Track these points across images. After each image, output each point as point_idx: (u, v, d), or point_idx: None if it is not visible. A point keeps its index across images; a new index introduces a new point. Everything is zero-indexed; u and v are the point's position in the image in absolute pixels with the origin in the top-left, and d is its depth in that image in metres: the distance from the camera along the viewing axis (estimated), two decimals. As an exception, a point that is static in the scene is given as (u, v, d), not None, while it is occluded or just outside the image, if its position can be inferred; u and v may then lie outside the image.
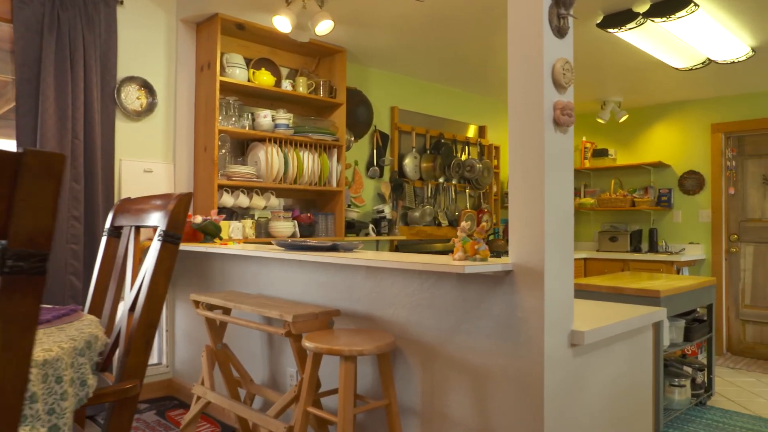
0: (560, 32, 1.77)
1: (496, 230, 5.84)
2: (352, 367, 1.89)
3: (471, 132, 5.60)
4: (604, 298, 3.54)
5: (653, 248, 5.83)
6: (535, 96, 1.74)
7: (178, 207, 1.44)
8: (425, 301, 2.06)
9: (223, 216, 3.32)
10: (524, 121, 1.76)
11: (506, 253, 5.25)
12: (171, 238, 1.43)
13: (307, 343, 1.95)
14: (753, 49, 4.06)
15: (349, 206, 4.40)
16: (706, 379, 4.08)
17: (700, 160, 5.74)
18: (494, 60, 4.44)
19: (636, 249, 5.96)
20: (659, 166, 5.96)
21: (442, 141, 5.15)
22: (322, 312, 2.20)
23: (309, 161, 3.89)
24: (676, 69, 4.44)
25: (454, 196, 5.31)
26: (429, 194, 5.08)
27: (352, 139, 4.33)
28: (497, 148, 5.68)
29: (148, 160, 3.49)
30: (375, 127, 4.71)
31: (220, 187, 3.60)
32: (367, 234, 4.44)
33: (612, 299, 3.52)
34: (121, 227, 1.80)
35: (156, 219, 1.50)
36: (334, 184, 4.06)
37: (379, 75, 4.78)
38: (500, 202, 5.87)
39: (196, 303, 2.66)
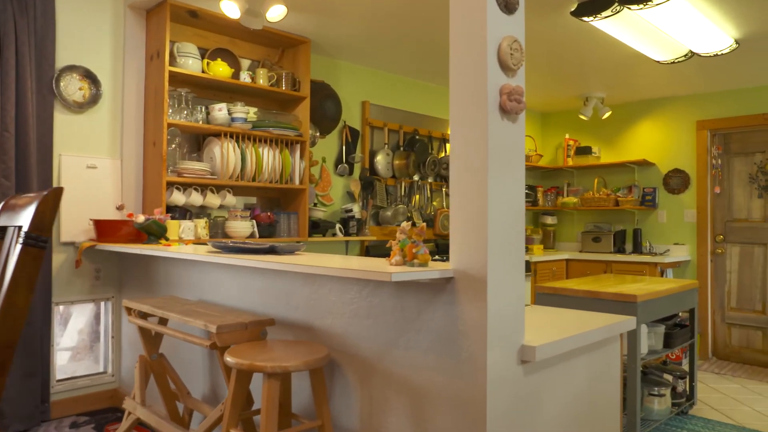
0: (508, 7, 1.56)
1: (474, 230, 5.63)
2: (276, 386, 1.67)
3: (449, 128, 5.39)
4: (579, 303, 3.35)
5: (637, 249, 5.64)
6: (478, 79, 1.52)
7: (43, 205, 1.22)
8: (363, 311, 1.85)
9: (170, 215, 3.10)
10: (466, 107, 1.55)
11: (483, 254, 5.05)
12: (34, 241, 1.21)
13: (228, 358, 1.73)
14: (737, 41, 3.87)
15: (315, 205, 4.18)
16: (687, 387, 3.88)
17: (685, 158, 5.55)
18: (469, 52, 4.23)
19: (620, 250, 5.77)
20: (643, 164, 5.76)
21: (417, 137, 4.93)
22: (253, 321, 1.98)
23: (269, 157, 3.67)
24: (658, 62, 4.24)
25: (429, 195, 5.10)
26: (403, 193, 4.86)
27: (318, 134, 4.12)
28: (476, 146, 5.48)
29: (91, 156, 3.26)
30: (344, 122, 4.50)
31: (170, 184, 3.38)
32: (334, 234, 4.22)
33: (587, 304, 3.32)
34: (5, 228, 1.58)
35: (23, 218, 1.28)
36: (297, 181, 3.84)
37: (349, 68, 4.56)
38: (479, 201, 5.65)
39: (128, 310, 2.44)
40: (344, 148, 4.47)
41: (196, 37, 3.65)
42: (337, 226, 4.21)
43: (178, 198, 3.33)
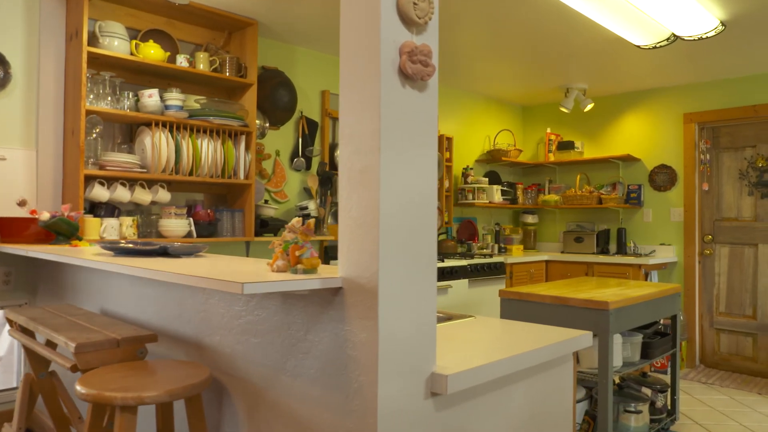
0: (411, -56, 1.23)
1: (449, 230, 5.31)
2: (130, 421, 1.34)
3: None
4: (547, 311, 3.02)
5: (621, 250, 5.31)
6: (370, 33, 1.19)
7: None
8: (251, 327, 1.51)
9: (83, 212, 2.76)
10: (355, 71, 1.22)
11: (456, 255, 4.72)
12: None
13: (77, 386, 1.39)
14: (723, 23, 3.54)
15: (266, 202, 3.85)
16: (669, 401, 3.56)
17: (671, 154, 5.23)
18: (445, 40, 3.90)
19: (603, 250, 5.45)
20: (628, 159, 5.44)
21: (383, 130, 4.60)
22: (127, 338, 1.65)
23: (209, 150, 3.34)
24: (639, 47, 3.91)
25: (397, 192, 4.76)
26: (367, 189, 4.52)
27: (267, 125, 3.78)
28: (450, 139, 5.14)
29: (0, 146, 2.92)
30: (301, 113, 4.16)
31: (92, 178, 3.04)
32: (287, 234, 3.88)
33: (555, 312, 2.99)
34: None
35: None
36: (242, 176, 3.50)
37: (307, 55, 4.22)
38: (453, 198, 5.33)
39: (10, 322, 2.10)
40: (301, 140, 4.13)
41: (129, 17, 3.31)
42: (290, 225, 3.87)
43: (101, 193, 2.99)
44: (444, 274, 4.10)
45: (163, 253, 1.82)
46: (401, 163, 1.20)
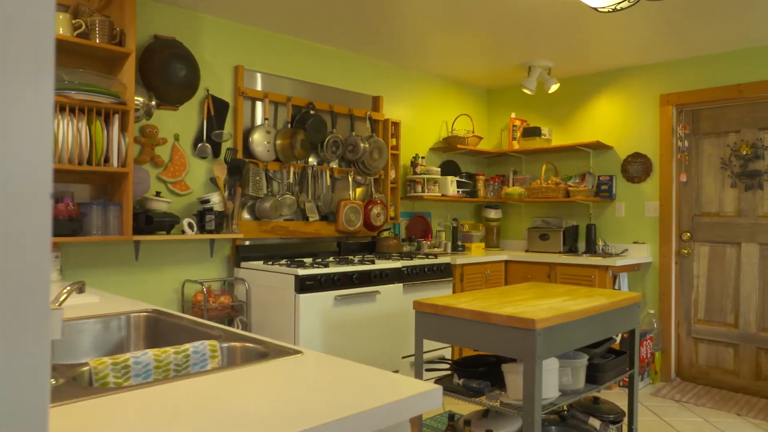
0: None
1: (396, 226, 4.73)
2: None
3: (363, 104, 4.48)
4: (466, 329, 2.45)
5: (591, 249, 4.74)
6: None
7: None
8: None
9: None
10: None
11: (395, 256, 4.15)
12: None
13: None
14: (694, -21, 2.95)
15: (157, 194, 3.27)
16: (628, 431, 2.99)
17: (647, 141, 4.64)
18: (392, 12, 3.31)
19: (572, 249, 4.87)
20: (599, 147, 4.85)
21: (312, 112, 4.02)
22: None
23: (68, 131, 2.76)
24: (597, 10, 3.32)
25: (330, 183, 4.19)
26: (292, 180, 3.95)
27: (154, 103, 3.20)
28: (396, 125, 4.56)
29: None
30: (207, 91, 3.58)
31: None
32: (182, 231, 3.32)
33: (474, 331, 2.42)
34: None
35: None
36: (117, 163, 2.93)
37: (216, 24, 3.64)
38: (400, 191, 4.75)
39: None
40: (206, 123, 3.56)
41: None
42: (186, 221, 3.31)
43: None
44: (371, 278, 3.53)
45: None
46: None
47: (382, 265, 3.63)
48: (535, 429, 2.21)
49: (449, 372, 3.39)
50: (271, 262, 3.54)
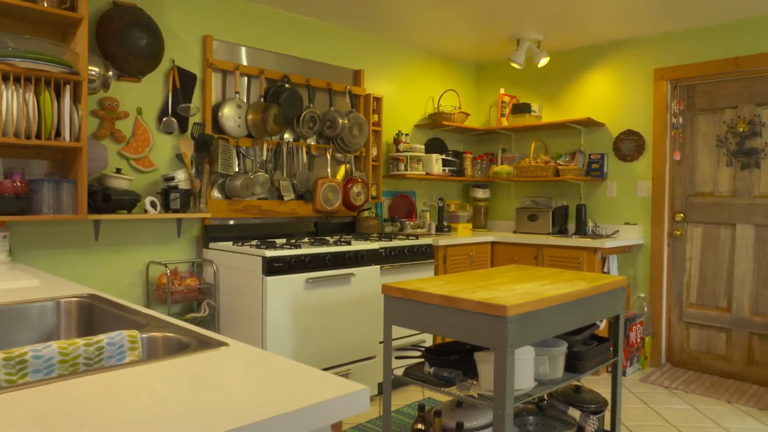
0: None
1: (378, 205, 4.56)
2: None
3: (343, 78, 4.27)
4: (435, 315, 2.29)
5: (581, 230, 4.57)
6: None
7: None
8: None
9: None
10: None
11: (374, 236, 3.97)
12: None
13: None
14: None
15: (118, 171, 3.09)
16: (611, 422, 2.85)
17: (640, 117, 4.45)
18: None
19: (561, 230, 4.70)
20: (590, 125, 4.66)
21: (286, 86, 3.82)
22: None
23: (13, 101, 2.57)
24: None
25: (306, 161, 4.00)
26: (266, 157, 3.77)
27: (111, 73, 3.00)
28: (378, 100, 4.36)
29: None
30: (172, 62, 3.38)
31: None
32: (145, 211, 3.14)
33: (444, 317, 2.26)
34: None
35: None
36: (69, 137, 2.74)
37: (183, -11, 3.43)
38: (383, 169, 4.57)
39: None
40: (171, 96, 3.36)
41: None
42: (148, 199, 3.13)
43: None
44: (346, 260, 3.36)
45: None
46: None
47: (358, 246, 3.46)
48: (506, 423, 2.06)
49: (421, 360, 3.24)
50: (240, 243, 3.37)
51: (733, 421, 3.30)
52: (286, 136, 3.91)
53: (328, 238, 3.89)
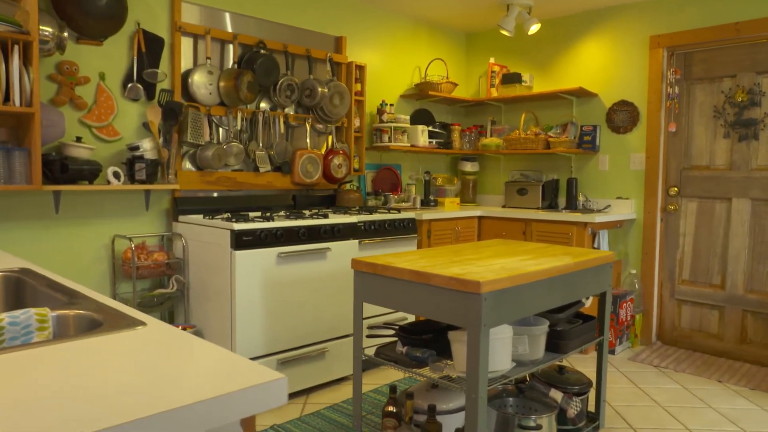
0: None
1: (361, 178, 4.39)
2: None
3: (324, 45, 4.07)
4: (405, 291, 2.14)
5: (571, 204, 4.41)
6: None
7: None
8: None
9: None
10: None
11: (360, 210, 3.81)
12: None
13: None
14: None
15: (78, 139, 2.91)
16: (595, 403, 2.73)
17: (634, 87, 4.26)
18: None
19: (552, 205, 4.55)
20: (583, 95, 4.47)
21: (262, 52, 3.62)
22: None
23: (-45, 62, 2.38)
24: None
25: (284, 131, 3.82)
26: (240, 127, 3.58)
27: (65, 34, 2.80)
28: (361, 68, 4.16)
29: None
30: (137, 24, 3.17)
31: None
32: (108, 182, 2.97)
33: (415, 294, 2.11)
34: None
35: None
36: (19, 102, 2.56)
37: (148, -54, 3.21)
38: (366, 140, 4.39)
39: None
40: (137, 61, 3.17)
41: None
42: (111, 170, 2.95)
43: None
44: (322, 234, 3.20)
45: None
46: None
47: (335, 219, 3.29)
48: (478, 407, 1.92)
49: (395, 339, 3.10)
50: (211, 217, 3.20)
51: (724, 401, 3.18)
52: (263, 105, 3.72)
53: (305, 211, 3.73)
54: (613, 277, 4.21)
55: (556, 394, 2.45)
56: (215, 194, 3.53)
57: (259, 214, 3.47)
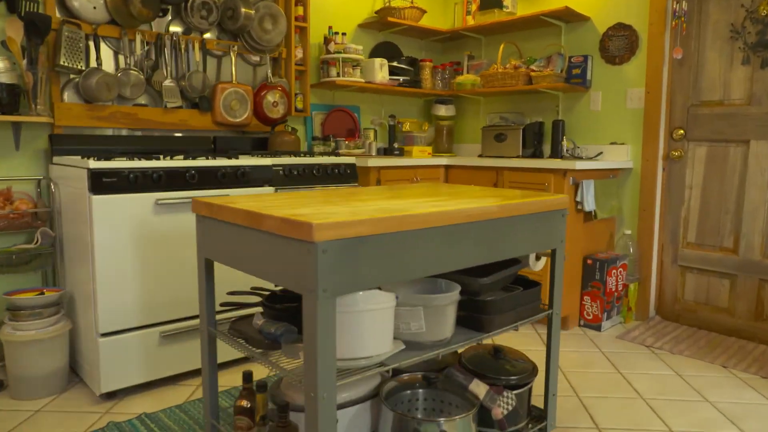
0: None
1: (307, 120, 3.73)
2: None
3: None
4: (240, 237, 1.51)
5: (557, 151, 3.69)
6: None
7: None
8: None
9: None
10: None
11: (283, 154, 3.17)
12: None
13: None
14: None
15: None
16: (544, 397, 2.08)
17: (633, 6, 3.48)
18: None
19: (536, 153, 3.84)
20: (572, 19, 3.71)
21: (164, -42, 2.96)
22: None
23: None
24: None
25: (200, 59, 3.18)
26: (140, 51, 2.95)
27: None
28: (303, -13, 3.48)
29: None
30: None
31: None
32: (-59, 110, 2.38)
33: (249, 241, 1.48)
34: None
35: None
36: None
37: None
38: (311, 76, 3.72)
39: None
40: (-13, -40, 2.55)
41: None
42: (-58, 94, 2.36)
43: None
44: (219, 179, 2.58)
45: None
46: None
47: (241, 161, 2.67)
48: (319, 410, 1.29)
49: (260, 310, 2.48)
50: (96, 158, 2.60)
51: (725, 393, 2.50)
52: (174, 28, 3.08)
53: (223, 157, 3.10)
54: (604, 239, 3.51)
55: (479, 388, 1.80)
56: (110, 132, 2.93)
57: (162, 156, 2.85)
